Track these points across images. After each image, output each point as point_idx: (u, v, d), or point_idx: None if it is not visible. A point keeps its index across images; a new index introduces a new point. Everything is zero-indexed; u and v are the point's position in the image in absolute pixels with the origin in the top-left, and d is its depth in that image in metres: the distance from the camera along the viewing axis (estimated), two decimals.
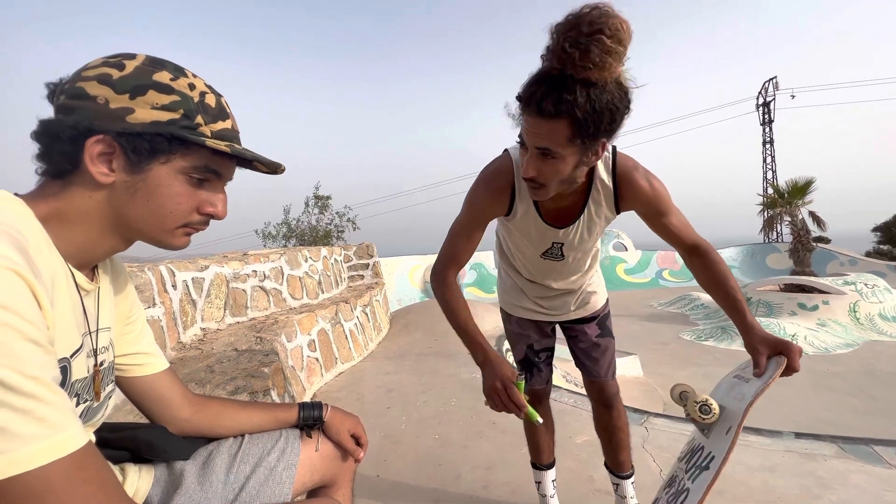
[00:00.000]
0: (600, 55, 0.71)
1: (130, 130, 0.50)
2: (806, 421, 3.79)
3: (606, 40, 0.71)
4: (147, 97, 0.50)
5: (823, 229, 10.27)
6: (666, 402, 4.44)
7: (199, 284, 2.73)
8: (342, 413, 0.87)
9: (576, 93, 0.75)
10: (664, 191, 1.05)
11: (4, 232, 0.42)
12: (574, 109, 0.75)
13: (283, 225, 12.50)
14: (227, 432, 0.79)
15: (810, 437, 2.00)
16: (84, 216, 0.52)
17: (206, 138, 0.53)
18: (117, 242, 0.56)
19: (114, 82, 0.50)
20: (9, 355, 0.37)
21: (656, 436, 2.02)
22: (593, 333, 1.37)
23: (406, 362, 3.49)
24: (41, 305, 0.42)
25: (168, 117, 0.51)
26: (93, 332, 0.58)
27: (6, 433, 0.36)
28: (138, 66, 0.51)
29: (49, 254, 0.49)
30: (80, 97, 0.49)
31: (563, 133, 0.79)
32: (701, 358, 6.00)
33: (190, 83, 0.54)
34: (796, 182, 9.87)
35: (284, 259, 3.64)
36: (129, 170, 0.51)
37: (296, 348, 2.85)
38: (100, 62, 0.51)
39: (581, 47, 0.71)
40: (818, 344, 6.22)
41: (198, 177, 0.55)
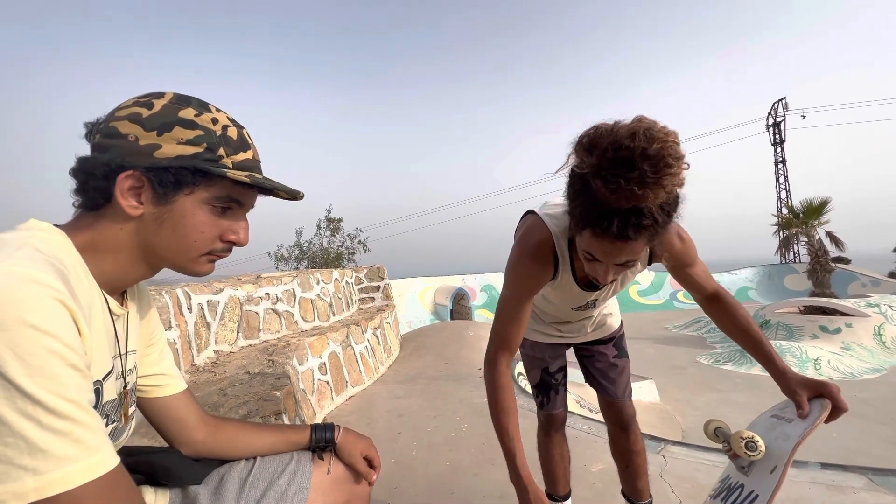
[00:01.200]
0: (670, 183, 0.69)
1: (158, 165, 0.53)
2: (832, 450, 3.62)
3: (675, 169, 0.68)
4: (173, 133, 0.54)
5: (842, 249, 10.06)
6: (685, 429, 4.29)
7: (213, 307, 2.78)
8: (354, 434, 0.87)
9: (654, 216, 0.73)
10: (692, 244, 1.05)
11: (49, 263, 0.45)
12: (655, 228, 0.75)
13: (296, 247, 12.66)
14: (240, 454, 0.80)
15: (838, 467, 1.91)
16: (115, 246, 0.55)
17: (228, 169, 0.56)
18: (145, 270, 0.59)
19: (143, 121, 0.53)
20: (53, 380, 0.39)
21: (675, 465, 1.95)
22: (611, 354, 1.37)
23: (417, 386, 3.46)
24: (80, 331, 0.45)
25: (192, 151, 0.54)
26: (122, 354, 0.61)
27: (45, 454, 0.38)
28: (165, 105, 0.55)
29: (87, 281, 0.52)
30: (113, 136, 0.53)
31: (641, 245, 0.79)
32: (720, 383, 5.81)
33: (213, 118, 0.57)
34: (811, 202, 9.74)
35: (297, 282, 3.68)
36: (157, 202, 0.54)
37: (307, 371, 2.85)
38: (131, 102, 0.55)
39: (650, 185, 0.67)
40: (843, 369, 6.00)
41: (221, 206, 0.58)
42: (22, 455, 0.37)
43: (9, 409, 0.37)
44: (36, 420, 0.38)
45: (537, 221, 1.04)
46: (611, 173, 0.69)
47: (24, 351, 0.38)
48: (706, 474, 1.87)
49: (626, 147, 0.67)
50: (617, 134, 0.69)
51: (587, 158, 0.72)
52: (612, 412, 1.37)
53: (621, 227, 0.74)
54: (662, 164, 0.66)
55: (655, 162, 0.66)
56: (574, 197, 0.80)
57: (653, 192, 0.68)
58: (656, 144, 0.66)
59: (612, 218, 0.73)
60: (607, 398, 1.37)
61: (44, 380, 0.39)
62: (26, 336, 0.38)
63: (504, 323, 1.04)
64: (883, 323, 6.84)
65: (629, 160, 0.67)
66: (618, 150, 0.68)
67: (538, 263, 1.02)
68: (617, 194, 0.70)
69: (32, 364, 0.38)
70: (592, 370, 1.39)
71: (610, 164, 0.69)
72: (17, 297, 0.39)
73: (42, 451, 0.38)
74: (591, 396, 4.57)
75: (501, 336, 1.05)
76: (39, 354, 0.39)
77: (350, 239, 12.91)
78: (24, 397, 0.38)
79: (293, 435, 0.83)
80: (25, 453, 0.37)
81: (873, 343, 6.71)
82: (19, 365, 0.38)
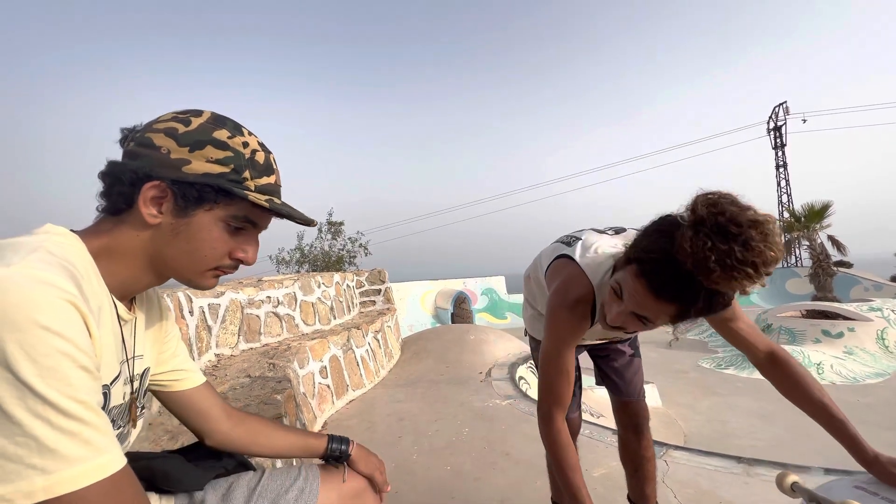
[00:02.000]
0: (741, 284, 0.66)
1: (184, 179, 0.54)
2: (836, 456, 3.58)
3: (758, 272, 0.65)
4: (204, 151, 0.56)
5: (844, 253, 10.02)
6: (687, 433, 4.27)
7: (214, 311, 2.78)
8: (367, 451, 0.90)
9: (699, 296, 0.72)
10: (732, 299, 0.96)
11: (63, 266, 0.45)
12: (690, 307, 0.74)
13: (297, 251, 12.67)
14: (261, 450, 0.82)
15: (841, 472, 1.90)
16: (130, 252, 0.56)
17: (249, 192, 0.58)
18: (153, 278, 0.60)
19: (178, 136, 0.55)
20: (64, 381, 0.40)
21: (677, 470, 1.94)
22: (628, 352, 1.34)
23: (418, 390, 3.45)
24: (91, 334, 0.46)
25: (219, 170, 0.56)
26: (129, 359, 0.61)
27: (55, 454, 0.39)
28: (202, 123, 0.57)
29: (98, 286, 0.53)
30: (147, 146, 0.55)
31: (668, 314, 0.78)
32: (722, 387, 5.79)
33: (244, 141, 0.59)
34: (812, 206, 9.71)
35: (298, 285, 3.68)
36: (176, 214, 0.56)
37: (307, 375, 2.85)
38: (170, 116, 0.57)
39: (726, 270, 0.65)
40: (846, 373, 5.97)
41: (235, 225, 0.60)
42: (32, 454, 0.38)
43: (20, 409, 0.38)
44: (46, 420, 0.39)
45: (577, 273, 1.00)
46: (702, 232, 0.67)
47: (36, 352, 0.39)
48: (708, 479, 1.86)
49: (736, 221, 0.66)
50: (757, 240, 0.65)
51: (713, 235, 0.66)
52: (627, 414, 1.34)
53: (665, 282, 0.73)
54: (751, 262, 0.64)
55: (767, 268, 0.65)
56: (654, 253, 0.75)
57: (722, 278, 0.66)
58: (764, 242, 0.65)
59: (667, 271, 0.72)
60: (623, 398, 1.34)
61: (55, 381, 0.39)
62: (39, 337, 0.39)
63: (552, 378, 1.01)
64: (886, 327, 6.81)
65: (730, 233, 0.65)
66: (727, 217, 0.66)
67: (578, 318, 0.99)
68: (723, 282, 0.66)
69: (44, 365, 0.39)
70: (608, 369, 1.36)
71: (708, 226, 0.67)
72: (31, 299, 0.40)
73: (51, 451, 0.38)
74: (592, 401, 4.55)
75: (553, 392, 1.01)
76: (51, 356, 0.39)
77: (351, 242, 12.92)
78: (35, 397, 0.38)
79: (313, 440, 0.86)
80: (35, 453, 0.38)
81: (876, 347, 6.68)
82: (31, 365, 0.38)
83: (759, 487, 1.80)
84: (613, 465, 1.98)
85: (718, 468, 1.98)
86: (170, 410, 0.77)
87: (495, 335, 4.96)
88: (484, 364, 3.95)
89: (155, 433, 1.55)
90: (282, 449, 0.84)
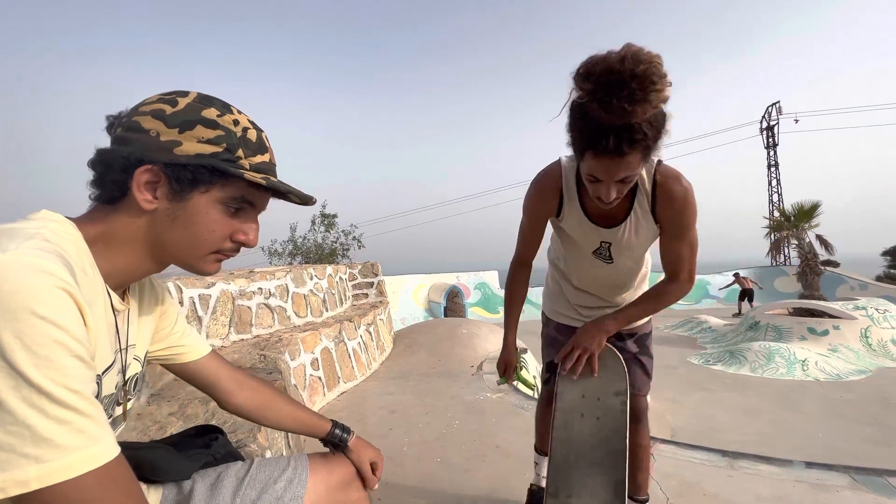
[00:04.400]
0: (656, 98, 0.78)
1: (176, 161, 0.53)
2: (818, 450, 3.68)
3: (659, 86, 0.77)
4: (195, 132, 0.54)
5: (831, 253, 10.17)
6: (674, 427, 4.34)
7: (205, 301, 2.76)
8: (366, 442, 0.92)
9: (643, 131, 0.83)
10: (693, 207, 1.08)
11: (57, 253, 0.45)
12: (647, 142, 0.85)
13: (290, 242, 12.59)
14: (268, 422, 0.86)
15: (822, 466, 1.95)
16: (127, 240, 0.55)
17: (245, 171, 0.56)
18: (153, 265, 0.59)
19: (166, 117, 0.53)
20: (58, 370, 0.40)
21: (663, 462, 1.98)
22: (633, 349, 1.37)
23: (409, 383, 3.46)
24: (86, 323, 0.45)
25: (211, 150, 0.54)
26: (122, 349, 0.61)
27: (49, 443, 0.38)
28: (189, 103, 0.55)
29: (93, 275, 0.52)
30: (135, 130, 0.53)
31: (637, 160, 0.88)
32: (709, 383, 5.88)
33: (234, 119, 0.57)
34: (802, 205, 9.84)
35: (290, 277, 3.66)
36: (172, 198, 0.54)
37: (299, 367, 2.84)
38: (156, 98, 0.55)
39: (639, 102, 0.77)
40: (830, 370, 6.08)
41: (234, 206, 0.58)
42: (25, 443, 0.38)
43: (14, 398, 0.37)
44: (41, 409, 0.38)
45: (556, 161, 1.18)
46: (604, 95, 0.78)
47: (31, 340, 0.38)
48: (693, 472, 1.89)
49: (617, 70, 0.77)
50: (608, 60, 0.78)
51: (584, 85, 0.81)
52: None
53: (617, 143, 0.83)
54: (648, 83, 0.76)
55: (642, 80, 0.76)
56: (573, 126, 0.90)
57: (641, 107, 0.78)
58: (642, 66, 0.76)
59: (608, 135, 0.83)
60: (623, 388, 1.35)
61: (49, 370, 0.39)
62: (34, 326, 0.39)
63: (518, 243, 1.32)
64: (869, 326, 6.95)
65: (619, 82, 0.76)
66: (609, 73, 0.77)
67: (542, 191, 1.17)
68: (611, 113, 0.80)
69: (39, 354, 0.39)
70: None
71: (603, 87, 0.78)
72: (26, 287, 0.39)
73: (45, 440, 0.38)
74: None
75: (517, 253, 1.34)
76: (46, 344, 0.39)
77: (344, 235, 12.86)
78: (29, 386, 0.38)
79: (317, 420, 0.89)
80: (29, 442, 0.38)
81: (860, 345, 6.82)
82: (26, 354, 0.38)
83: (742, 480, 1.84)
84: None
85: (703, 461, 2.01)
86: (187, 382, 0.80)
87: (487, 329, 4.98)
88: (475, 358, 3.97)
89: (143, 423, 1.55)
90: (287, 424, 0.87)
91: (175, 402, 1.76)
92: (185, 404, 1.71)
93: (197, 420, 1.55)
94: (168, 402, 1.77)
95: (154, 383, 1.96)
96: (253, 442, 1.35)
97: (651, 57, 0.77)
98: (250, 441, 1.35)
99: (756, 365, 6.37)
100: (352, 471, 0.87)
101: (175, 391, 1.89)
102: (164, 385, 2.00)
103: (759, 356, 6.52)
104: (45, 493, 0.38)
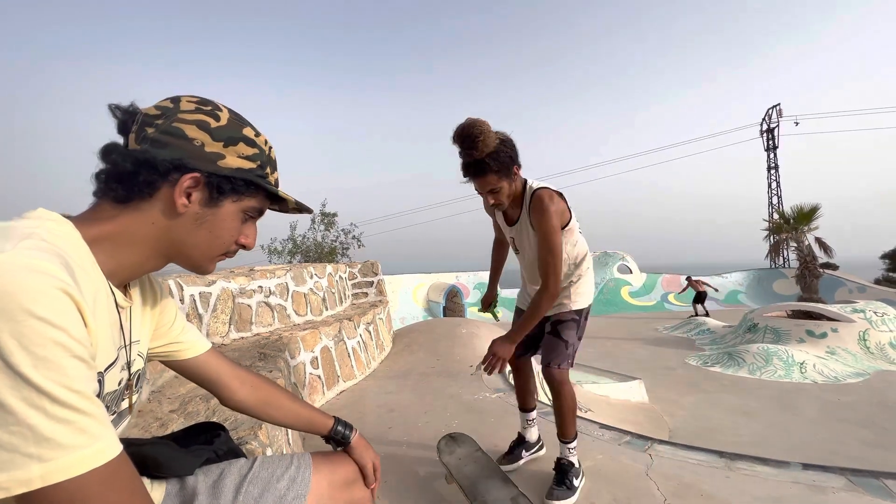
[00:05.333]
0: (482, 145, 1.43)
1: (219, 172, 0.58)
2: (814, 452, 3.70)
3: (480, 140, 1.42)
4: (237, 148, 0.60)
5: (830, 256, 10.20)
6: (672, 428, 4.35)
7: (205, 299, 2.77)
8: (367, 443, 0.93)
9: (485, 162, 1.47)
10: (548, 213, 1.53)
11: (56, 253, 0.45)
12: (490, 167, 1.48)
13: (289, 241, 12.58)
14: (270, 419, 0.86)
15: (819, 468, 1.96)
16: (139, 238, 0.57)
17: (276, 188, 0.65)
18: (158, 263, 0.61)
19: (211, 130, 0.58)
20: (58, 371, 0.40)
21: (661, 463, 1.99)
22: (546, 329, 1.79)
23: (408, 382, 3.47)
24: (86, 323, 0.45)
25: (249, 166, 0.61)
26: (127, 345, 0.62)
27: (51, 443, 0.39)
28: (230, 119, 0.61)
29: (93, 274, 0.52)
30: (178, 136, 0.56)
31: (493, 178, 1.51)
32: (707, 384, 5.90)
33: (264, 139, 0.65)
34: (801, 208, 9.86)
35: (290, 275, 3.67)
36: (205, 204, 0.59)
37: (298, 365, 2.85)
38: (193, 108, 0.58)
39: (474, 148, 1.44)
40: (828, 373, 6.10)
41: (251, 215, 0.65)
42: (27, 443, 0.38)
43: (15, 399, 0.38)
44: (42, 409, 0.39)
45: None
46: (460, 147, 1.47)
47: (30, 342, 0.39)
48: (691, 473, 1.91)
49: (459, 135, 1.45)
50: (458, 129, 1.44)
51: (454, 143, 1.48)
52: (544, 375, 1.75)
53: (473, 171, 1.51)
54: (474, 138, 1.42)
55: (471, 138, 1.42)
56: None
57: (477, 151, 1.44)
58: (468, 130, 1.42)
59: (469, 167, 1.51)
60: (541, 364, 1.77)
61: (49, 371, 0.39)
62: (33, 327, 0.39)
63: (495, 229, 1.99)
64: (867, 328, 6.97)
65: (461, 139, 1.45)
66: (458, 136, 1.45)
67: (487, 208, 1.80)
68: (463, 156, 1.49)
69: (39, 355, 0.39)
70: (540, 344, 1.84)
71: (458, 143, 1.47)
72: (25, 288, 0.39)
73: (47, 440, 0.39)
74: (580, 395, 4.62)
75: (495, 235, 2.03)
76: (45, 345, 0.39)
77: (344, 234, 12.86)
78: (29, 387, 0.38)
79: (319, 417, 0.89)
80: (31, 441, 0.38)
81: (857, 348, 6.84)
82: (26, 356, 0.38)
83: (739, 481, 1.85)
84: (599, 458, 2.02)
85: (701, 462, 2.02)
86: (187, 378, 0.81)
87: (486, 329, 4.99)
88: (475, 357, 3.97)
89: (145, 420, 1.55)
90: (290, 420, 0.87)
91: (176, 399, 1.77)
92: (187, 401, 1.72)
93: (198, 417, 1.55)
94: (169, 399, 1.77)
95: (154, 381, 1.96)
96: (254, 439, 1.36)
97: (473, 123, 1.42)
98: (251, 438, 1.36)
99: (754, 367, 6.39)
100: (355, 469, 0.88)
101: (176, 388, 1.90)
102: (165, 382, 2.01)
103: (758, 358, 6.54)
104: (49, 492, 0.39)
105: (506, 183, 1.51)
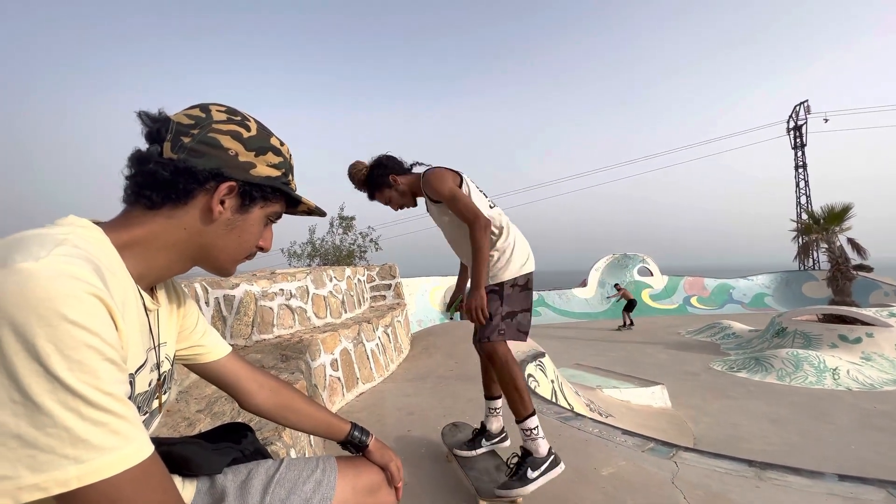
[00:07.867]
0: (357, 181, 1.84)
1: (251, 180, 0.62)
2: (850, 462, 3.54)
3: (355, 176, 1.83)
4: (266, 157, 0.63)
5: (864, 257, 9.78)
6: (696, 435, 4.23)
7: (229, 302, 2.83)
8: (384, 445, 0.94)
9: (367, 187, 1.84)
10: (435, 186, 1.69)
11: (87, 258, 0.46)
12: (371, 191, 1.84)
13: (308, 244, 12.77)
14: (288, 423, 0.88)
15: (856, 480, 1.87)
16: (170, 243, 0.59)
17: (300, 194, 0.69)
18: (184, 266, 0.64)
19: (244, 140, 0.61)
20: (91, 374, 0.41)
21: (686, 471, 1.93)
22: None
23: (427, 385, 3.47)
24: (117, 327, 0.47)
25: (275, 174, 0.65)
26: (156, 347, 0.64)
27: (86, 444, 0.40)
28: (258, 129, 0.64)
29: (123, 278, 0.54)
30: (215, 146, 0.59)
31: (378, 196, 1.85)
32: (733, 390, 5.72)
33: (287, 148, 0.69)
34: (833, 207, 9.48)
35: (310, 278, 3.73)
36: (237, 210, 0.62)
37: (319, 367, 2.89)
38: (225, 118, 0.61)
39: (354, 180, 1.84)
40: (863, 380, 5.84)
41: (273, 220, 0.69)
42: (64, 445, 0.39)
43: (52, 402, 0.39)
44: (77, 412, 0.40)
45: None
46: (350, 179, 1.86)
47: (64, 346, 0.40)
48: (718, 481, 1.85)
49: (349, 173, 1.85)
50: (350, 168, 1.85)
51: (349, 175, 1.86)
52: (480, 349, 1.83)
53: (367, 193, 1.86)
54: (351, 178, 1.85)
55: (351, 175, 1.84)
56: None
57: (356, 181, 1.84)
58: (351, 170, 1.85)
59: (363, 190, 1.86)
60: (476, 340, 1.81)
61: (83, 374, 0.41)
62: (67, 331, 0.40)
63: None
64: None
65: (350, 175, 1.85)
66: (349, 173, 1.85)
67: None
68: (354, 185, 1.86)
69: (73, 358, 0.40)
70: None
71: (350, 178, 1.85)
72: (58, 294, 0.41)
73: (83, 441, 0.40)
74: (600, 400, 4.53)
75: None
76: (79, 349, 0.41)
77: (362, 237, 12.98)
78: (65, 390, 0.40)
79: (336, 422, 0.91)
80: (67, 443, 0.39)
81: (895, 354, 6.53)
82: (60, 359, 0.40)
83: (770, 492, 1.78)
84: (622, 465, 1.98)
85: (729, 471, 1.96)
86: (209, 381, 0.83)
87: None
88: None
89: (173, 420, 1.60)
90: (306, 425, 0.89)
91: (202, 399, 1.81)
92: (213, 402, 1.76)
93: (224, 417, 1.59)
94: (196, 399, 1.82)
95: (181, 381, 2.02)
96: (278, 440, 1.38)
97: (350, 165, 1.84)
98: (275, 439, 1.38)
99: (783, 373, 6.17)
100: (379, 475, 0.88)
101: (202, 389, 1.95)
102: (191, 383, 2.06)
103: (787, 364, 6.31)
104: (85, 492, 0.40)
105: (391, 193, 1.81)
